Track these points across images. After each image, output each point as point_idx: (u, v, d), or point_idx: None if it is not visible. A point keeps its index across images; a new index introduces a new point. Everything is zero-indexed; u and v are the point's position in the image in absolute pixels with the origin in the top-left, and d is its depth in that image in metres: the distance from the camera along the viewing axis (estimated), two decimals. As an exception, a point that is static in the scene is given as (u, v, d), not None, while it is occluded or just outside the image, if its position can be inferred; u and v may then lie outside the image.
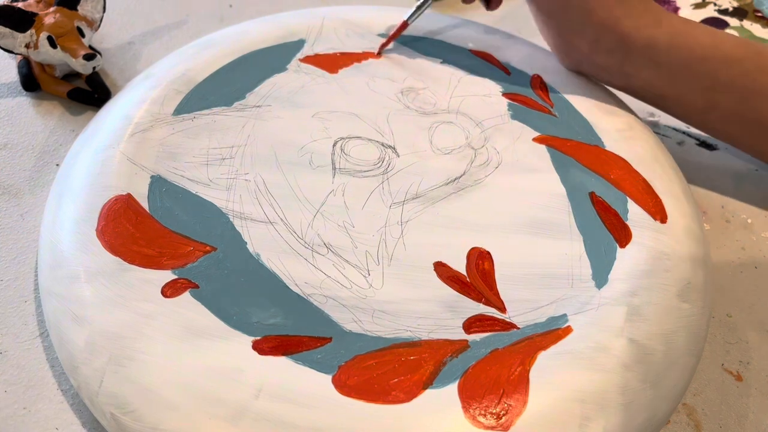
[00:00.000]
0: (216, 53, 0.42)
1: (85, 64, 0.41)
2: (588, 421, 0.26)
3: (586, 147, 0.38)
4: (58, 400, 0.30)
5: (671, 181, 0.36)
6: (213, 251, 0.32)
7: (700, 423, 0.30)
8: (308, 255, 0.32)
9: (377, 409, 0.26)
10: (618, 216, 0.34)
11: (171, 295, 0.29)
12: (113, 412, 0.26)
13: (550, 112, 0.40)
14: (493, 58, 0.44)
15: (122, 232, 0.32)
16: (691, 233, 0.34)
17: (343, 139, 0.38)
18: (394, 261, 0.32)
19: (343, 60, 0.43)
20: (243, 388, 0.26)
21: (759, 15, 0.55)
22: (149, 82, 0.40)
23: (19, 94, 0.44)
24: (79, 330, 0.28)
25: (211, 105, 0.39)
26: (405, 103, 0.40)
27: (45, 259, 0.32)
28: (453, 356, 0.28)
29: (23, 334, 0.32)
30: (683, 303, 0.31)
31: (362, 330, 0.29)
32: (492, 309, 0.30)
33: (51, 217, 0.33)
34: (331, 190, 0.35)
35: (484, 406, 0.26)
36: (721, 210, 0.40)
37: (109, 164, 0.34)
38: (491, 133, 0.39)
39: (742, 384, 0.32)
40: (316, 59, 0.43)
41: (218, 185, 0.35)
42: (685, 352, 0.30)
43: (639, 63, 0.37)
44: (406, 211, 0.34)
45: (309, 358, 0.28)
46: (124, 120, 0.37)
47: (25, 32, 0.41)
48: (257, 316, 0.29)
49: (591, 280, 0.31)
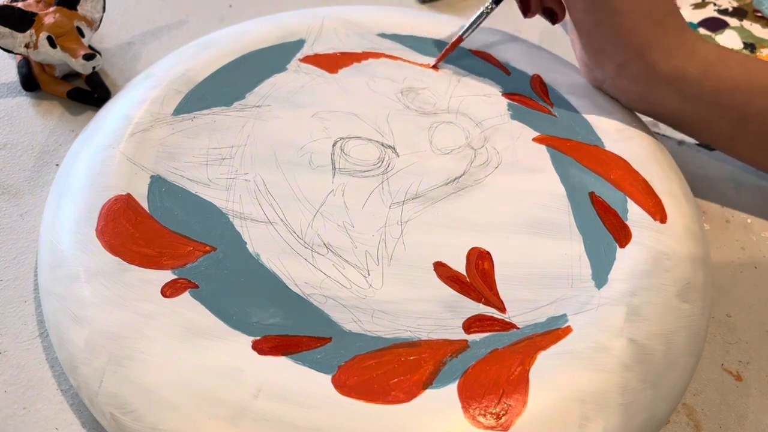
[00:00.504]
0: (216, 53, 0.41)
1: (84, 64, 0.41)
2: (588, 421, 0.26)
3: (586, 147, 0.38)
4: (58, 400, 0.30)
5: (671, 181, 0.36)
6: (213, 251, 0.32)
7: (699, 423, 0.30)
8: (308, 255, 0.32)
9: (377, 410, 0.26)
10: (618, 216, 0.34)
11: (171, 295, 0.29)
12: (113, 412, 0.26)
13: (549, 112, 0.40)
14: (492, 58, 0.44)
15: (122, 232, 0.31)
16: (690, 233, 0.34)
17: (343, 139, 0.38)
18: (394, 261, 0.32)
19: (343, 60, 0.43)
20: (242, 388, 0.26)
21: (759, 15, 0.55)
22: (149, 82, 0.40)
23: (18, 94, 0.44)
24: (79, 330, 0.28)
25: (211, 105, 0.39)
26: (405, 103, 0.40)
27: (45, 259, 0.32)
28: (453, 356, 0.28)
29: (23, 334, 0.32)
30: (683, 303, 0.31)
31: (362, 330, 0.29)
32: (492, 309, 0.30)
33: (51, 217, 0.33)
34: (330, 190, 0.35)
35: (483, 406, 0.26)
36: (721, 210, 0.40)
37: (109, 164, 0.34)
38: (491, 133, 0.39)
39: (741, 384, 0.32)
40: (316, 59, 0.43)
41: (218, 185, 0.35)
42: (685, 352, 0.30)
43: (664, 93, 0.36)
44: (405, 211, 0.34)
45: (309, 358, 0.28)
46: (124, 120, 0.37)
47: (25, 32, 0.41)
48: (257, 316, 0.29)
49: (591, 280, 0.31)
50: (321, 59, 0.43)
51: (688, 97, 0.36)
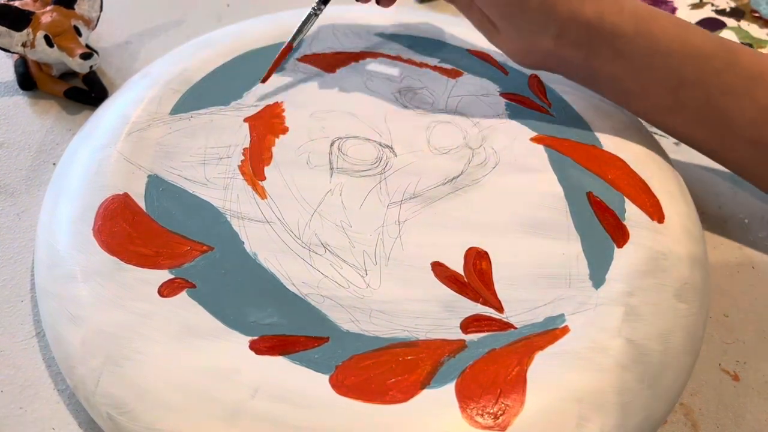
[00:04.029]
0: (213, 52, 0.41)
1: (82, 63, 0.41)
2: (585, 420, 0.26)
3: (584, 147, 0.38)
4: (55, 400, 0.30)
5: (668, 181, 0.36)
6: (210, 251, 0.32)
7: (697, 423, 0.30)
8: (305, 255, 0.32)
9: (374, 409, 0.26)
10: (615, 216, 0.34)
11: (168, 295, 0.29)
12: (110, 412, 0.26)
13: (547, 111, 0.40)
14: (490, 57, 0.44)
15: (119, 231, 0.31)
16: (688, 233, 0.34)
17: (341, 138, 0.38)
18: (392, 261, 0.32)
19: (340, 59, 0.43)
20: (240, 388, 0.26)
21: (756, 15, 0.55)
22: (146, 81, 0.40)
23: (15, 93, 0.44)
24: (76, 330, 0.28)
25: (209, 104, 0.39)
26: (403, 103, 0.40)
27: (41, 259, 0.32)
28: (450, 356, 0.28)
29: (20, 334, 0.32)
30: (680, 303, 0.31)
31: (360, 330, 0.29)
32: (489, 309, 0.30)
33: (47, 217, 0.33)
34: (328, 190, 0.35)
35: (481, 406, 0.26)
36: (718, 210, 0.40)
37: (106, 163, 0.34)
38: (489, 132, 0.39)
39: (739, 384, 0.32)
40: (314, 58, 0.43)
41: (215, 185, 0.35)
42: (683, 352, 0.30)
43: (604, 54, 0.36)
44: (403, 210, 0.34)
45: (306, 357, 0.28)
46: (121, 119, 0.37)
47: (22, 31, 0.41)
48: (254, 315, 0.29)
49: (588, 280, 0.31)
50: (319, 59, 0.43)
51: (625, 56, 0.35)
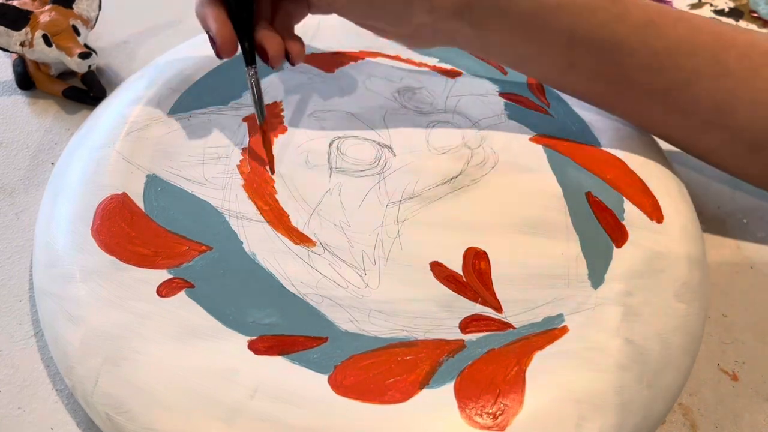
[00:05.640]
0: (212, 52, 0.41)
1: (80, 63, 0.41)
2: (584, 420, 0.26)
3: (583, 147, 0.38)
4: (53, 400, 0.30)
5: (667, 181, 0.36)
6: (209, 251, 0.32)
7: (695, 423, 0.30)
8: (304, 254, 0.32)
9: (373, 409, 0.26)
10: (614, 216, 0.34)
11: (166, 295, 0.29)
12: (108, 413, 0.26)
13: (546, 111, 0.40)
14: (489, 57, 0.44)
15: (117, 231, 0.31)
16: (687, 233, 0.34)
17: (340, 138, 0.38)
18: (391, 261, 0.32)
19: (339, 59, 0.43)
20: (238, 388, 0.26)
21: (755, 15, 0.55)
22: (145, 80, 0.40)
23: (14, 93, 0.44)
24: (74, 330, 0.28)
25: (207, 104, 0.39)
26: (402, 103, 0.40)
27: (40, 259, 0.32)
28: (449, 356, 0.28)
29: (18, 334, 0.32)
30: (679, 303, 0.31)
31: (358, 330, 0.29)
32: (488, 309, 0.30)
33: (46, 216, 0.33)
34: (327, 190, 0.35)
35: (480, 405, 0.26)
36: (717, 210, 0.40)
37: (105, 163, 0.34)
38: (488, 132, 0.39)
39: (737, 384, 0.32)
40: (313, 58, 0.43)
41: (214, 184, 0.34)
42: (681, 352, 0.30)
43: (487, 15, 0.34)
44: (402, 210, 0.34)
45: (305, 357, 0.28)
46: (120, 119, 0.37)
47: (21, 30, 0.41)
48: (253, 315, 0.29)
49: (587, 279, 0.31)
50: (318, 58, 0.43)
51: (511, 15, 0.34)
